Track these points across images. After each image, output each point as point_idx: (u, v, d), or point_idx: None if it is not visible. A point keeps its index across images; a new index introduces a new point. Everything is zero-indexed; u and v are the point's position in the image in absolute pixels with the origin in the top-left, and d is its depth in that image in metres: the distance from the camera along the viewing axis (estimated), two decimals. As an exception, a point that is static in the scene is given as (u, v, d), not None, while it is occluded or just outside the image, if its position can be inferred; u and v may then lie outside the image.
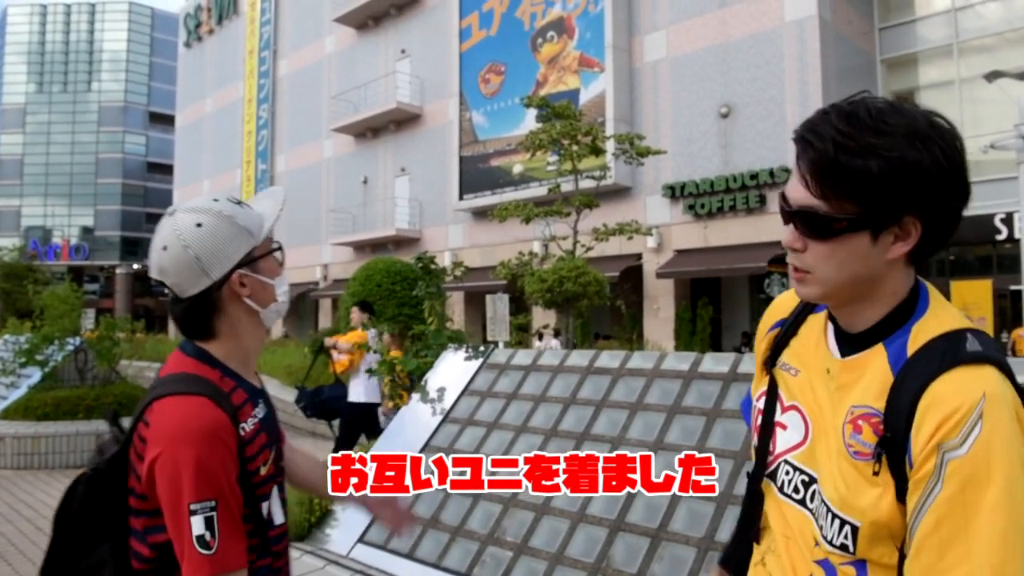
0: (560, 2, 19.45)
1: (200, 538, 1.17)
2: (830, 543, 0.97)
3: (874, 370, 0.97)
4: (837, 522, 0.96)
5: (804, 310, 1.15)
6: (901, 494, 0.91)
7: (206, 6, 35.02)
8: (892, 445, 0.91)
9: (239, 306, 1.33)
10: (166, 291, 1.32)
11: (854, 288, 0.97)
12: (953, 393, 0.87)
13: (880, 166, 0.88)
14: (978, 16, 16.30)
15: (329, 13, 26.85)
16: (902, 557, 0.91)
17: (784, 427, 1.10)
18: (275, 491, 1.35)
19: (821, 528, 0.99)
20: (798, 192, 0.96)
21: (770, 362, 1.16)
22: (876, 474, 0.92)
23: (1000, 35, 15.97)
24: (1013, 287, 15.04)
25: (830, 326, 1.07)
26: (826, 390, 1.03)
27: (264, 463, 1.30)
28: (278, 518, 1.36)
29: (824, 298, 1.01)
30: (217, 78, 34.09)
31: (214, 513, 1.18)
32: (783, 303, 1.21)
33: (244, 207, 1.35)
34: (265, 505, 1.31)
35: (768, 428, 1.14)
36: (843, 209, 0.92)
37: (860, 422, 0.95)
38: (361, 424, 6.63)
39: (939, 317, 0.96)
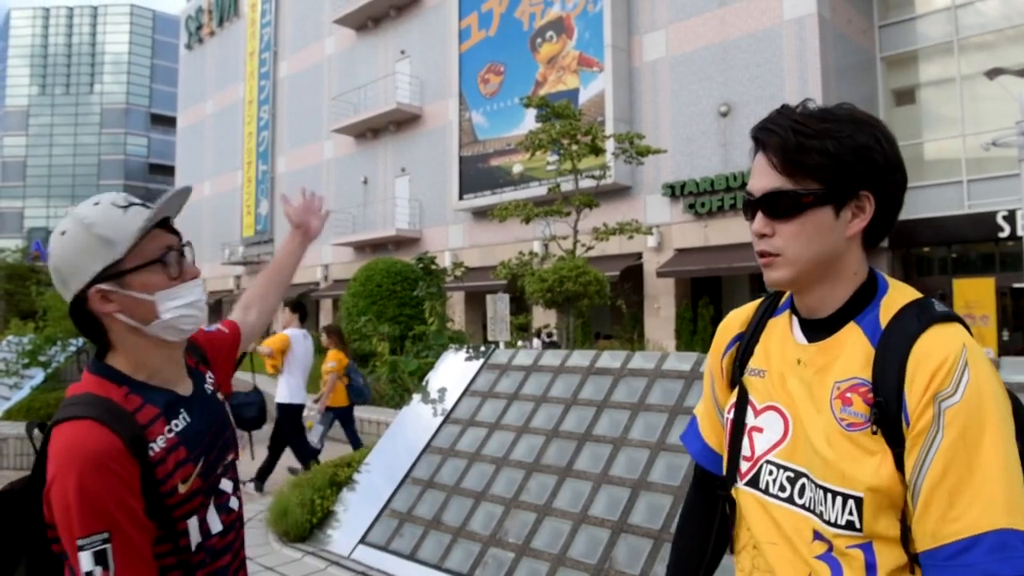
0: (559, 2, 19.43)
1: (89, 575, 1.08)
2: (835, 524, 0.98)
3: (852, 345, 1.02)
4: (840, 500, 0.97)
5: (762, 318, 1.20)
6: (899, 460, 0.94)
7: (207, 8, 35.05)
8: (883, 410, 0.95)
9: (117, 322, 1.22)
10: (71, 294, 1.23)
11: (820, 267, 1.04)
12: (939, 346, 0.94)
13: (835, 145, 1.00)
14: (978, 13, 16.26)
15: (329, 15, 26.86)
16: (903, 531, 0.94)
17: (760, 430, 1.12)
18: (210, 503, 1.28)
19: (821, 514, 1.00)
20: (763, 179, 1.05)
21: (737, 374, 1.19)
22: (875, 433, 0.96)
23: (1000, 32, 15.94)
24: (1016, 285, 15.02)
25: (794, 321, 1.12)
26: (800, 380, 1.06)
27: (184, 479, 1.21)
28: (215, 526, 1.29)
29: (793, 280, 1.06)
30: (218, 80, 34.12)
31: (107, 546, 1.09)
32: (734, 321, 1.26)
33: (119, 211, 1.21)
34: (192, 522, 1.23)
35: (739, 436, 1.15)
36: (807, 187, 1.02)
37: (848, 394, 1.00)
38: (285, 424, 6.49)
39: (901, 291, 1.05)
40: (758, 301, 1.25)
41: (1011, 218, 14.60)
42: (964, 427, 0.90)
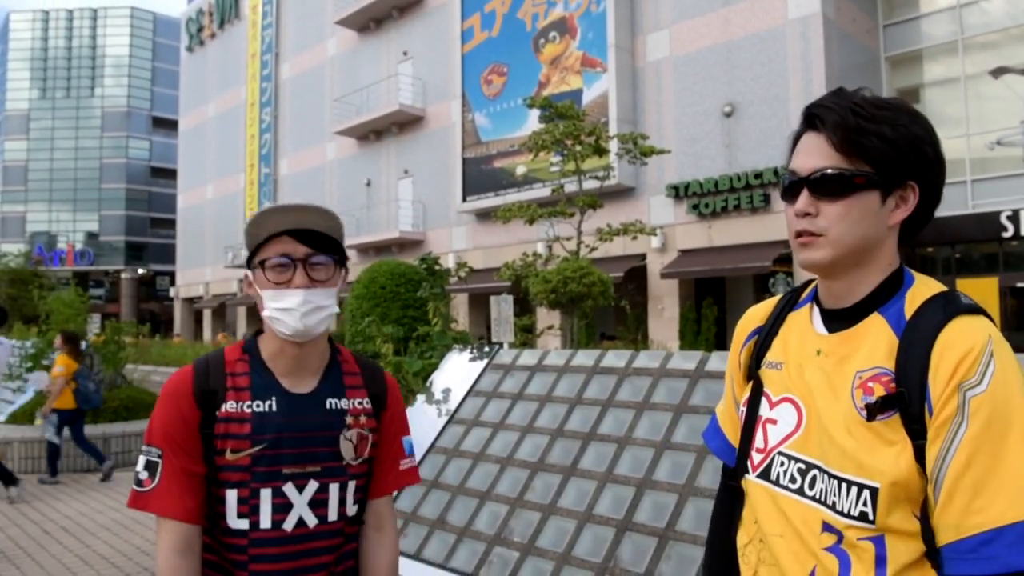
0: (562, 2, 19.44)
1: (136, 475, 1.33)
2: (847, 515, 0.97)
3: (876, 335, 1.01)
4: (855, 490, 0.96)
5: (782, 312, 1.19)
6: (919, 453, 0.92)
7: (208, 10, 35.13)
8: (905, 400, 0.94)
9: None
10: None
11: (858, 253, 1.04)
12: (965, 336, 0.93)
13: (892, 132, 1.01)
14: (982, 12, 16.23)
15: (331, 16, 26.90)
16: (920, 527, 0.92)
17: (775, 422, 1.11)
18: (259, 492, 1.33)
19: (834, 505, 0.98)
20: (815, 158, 1.04)
21: (755, 365, 1.19)
22: (869, 419, 0.96)
23: (1005, 31, 15.90)
24: (1020, 284, 14.98)
25: (815, 313, 1.12)
26: (819, 370, 1.05)
27: (235, 451, 1.32)
28: (263, 520, 1.33)
29: (832, 262, 1.05)
30: (220, 82, 34.18)
31: (159, 460, 1.31)
32: (755, 315, 1.26)
33: (267, 213, 1.37)
34: (231, 495, 1.33)
35: (751, 427, 1.15)
36: (860, 168, 1.02)
37: (870, 384, 0.98)
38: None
39: (927, 284, 1.05)
40: (778, 297, 1.24)
41: (1015, 218, 14.56)
42: (990, 417, 0.88)
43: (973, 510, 0.86)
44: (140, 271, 55.04)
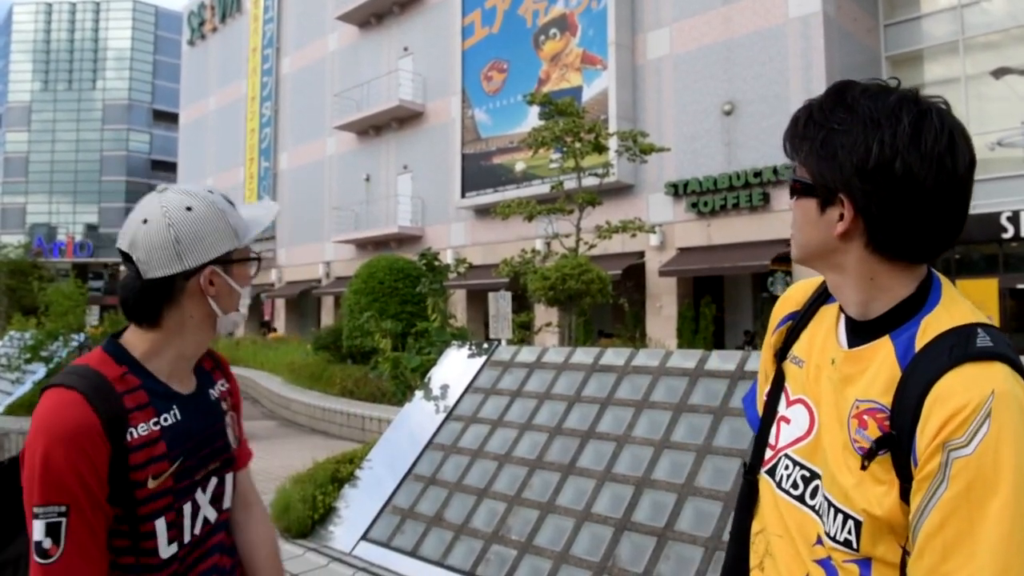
0: (563, -1, 19.40)
1: (38, 545, 1.08)
2: (833, 539, 0.95)
3: (880, 363, 0.95)
4: (840, 517, 0.94)
5: (816, 301, 1.14)
6: (905, 493, 0.89)
7: (210, 4, 35.03)
8: (896, 443, 0.89)
9: (198, 304, 1.26)
10: (120, 267, 1.33)
11: (817, 257, 1.02)
12: (961, 390, 0.85)
13: (823, 138, 0.95)
14: (983, 12, 16.20)
15: (332, 11, 26.83)
16: (905, 554, 0.90)
17: (788, 421, 1.08)
18: (183, 510, 1.24)
19: (824, 524, 0.97)
20: None
21: (781, 355, 1.16)
22: (863, 469, 0.91)
23: (1006, 31, 15.88)
24: (1020, 286, 14.98)
25: (842, 316, 1.06)
26: (829, 381, 1.01)
27: (156, 475, 1.19)
28: (163, 549, 1.21)
29: (799, 260, 1.05)
30: (221, 76, 34.11)
31: (62, 519, 1.09)
32: (794, 295, 1.20)
33: (234, 208, 1.31)
34: (160, 524, 1.20)
35: (769, 421, 1.13)
36: (800, 175, 1.00)
37: (866, 417, 0.93)
38: None
39: (950, 311, 0.94)
40: (820, 279, 1.16)
41: (1015, 219, 14.55)
42: (971, 482, 0.82)
43: (941, 572, 0.83)
44: (139, 264, 54.92)
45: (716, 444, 3.30)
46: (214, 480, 1.33)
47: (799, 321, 1.15)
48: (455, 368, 4.71)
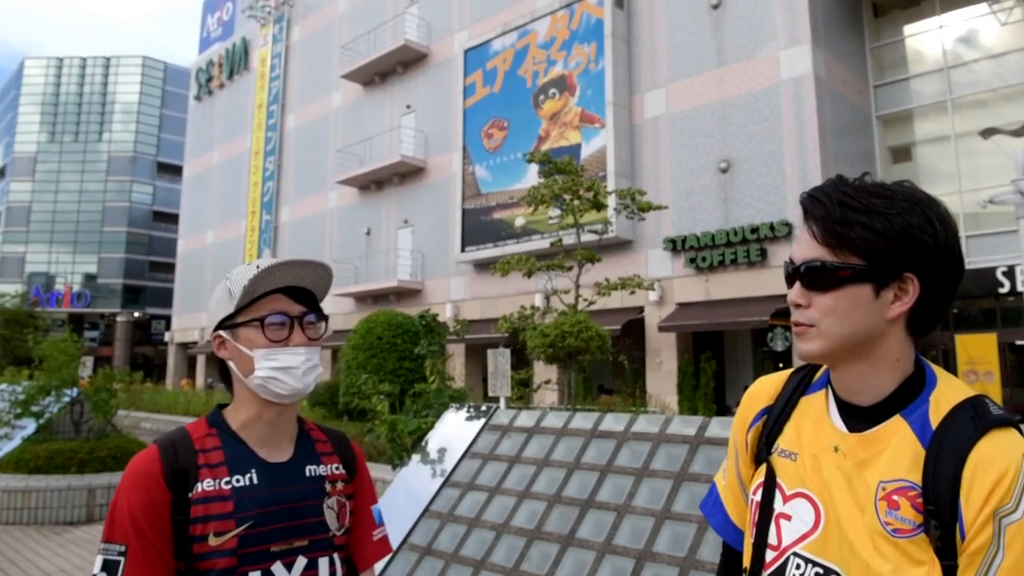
0: (562, 61, 19.89)
1: None
2: None
3: (899, 442, 0.95)
4: None
5: (793, 394, 1.13)
6: (948, 573, 0.87)
7: (218, 62, 35.89)
8: (937, 518, 0.88)
9: (233, 369, 1.33)
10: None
11: (854, 346, 0.99)
12: (998, 457, 0.87)
13: (883, 222, 0.96)
14: (971, 72, 16.63)
15: (337, 70, 27.48)
16: None
17: (788, 517, 1.05)
18: None
19: None
20: (804, 249, 1.02)
21: (764, 452, 1.12)
22: (937, 549, 0.89)
23: (993, 91, 16.27)
24: (1019, 341, 14.96)
25: (831, 402, 1.05)
26: (839, 469, 0.99)
27: (219, 533, 1.21)
28: None
29: (824, 355, 1.02)
30: (225, 130, 34.70)
31: (121, 559, 1.16)
32: (760, 392, 1.19)
33: (253, 270, 1.30)
34: None
35: (767, 520, 1.08)
36: (847, 260, 0.99)
37: (895, 497, 0.92)
38: None
39: (951, 385, 0.98)
40: (787, 372, 1.17)
41: (1011, 274, 14.64)
42: None
43: None
44: (136, 314, 54.92)
45: (718, 515, 3.23)
46: (302, 560, 1.29)
47: (778, 416, 1.13)
48: (453, 432, 4.65)
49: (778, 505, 1.07)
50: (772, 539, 1.07)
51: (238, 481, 1.26)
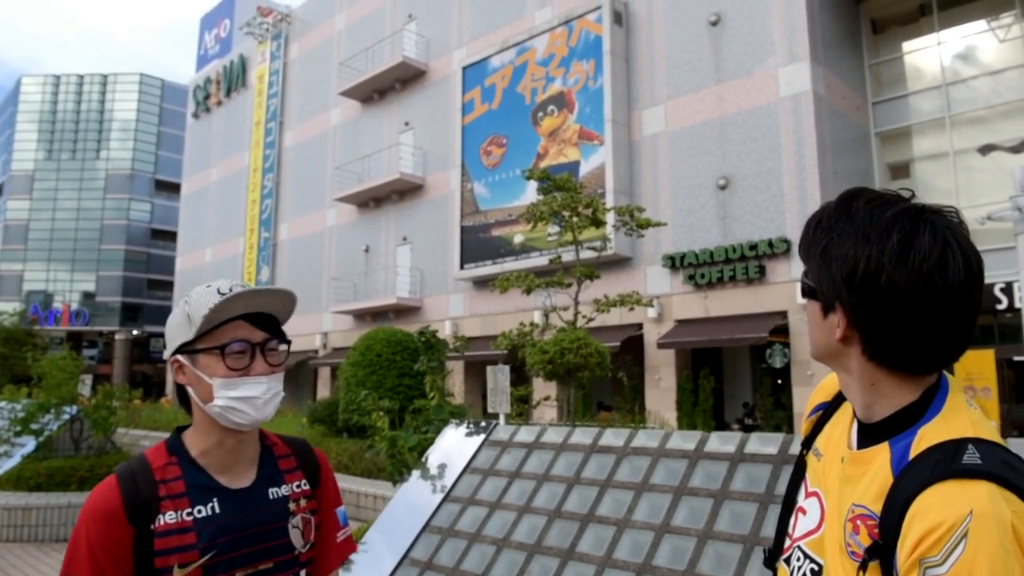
0: (560, 78, 20.04)
1: None
2: None
3: (877, 468, 0.96)
4: None
5: (841, 396, 1.16)
6: None
7: (215, 79, 36.09)
8: (884, 552, 0.89)
9: (192, 395, 1.31)
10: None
11: (826, 357, 1.05)
12: (939, 507, 0.84)
13: (824, 246, 0.99)
14: (969, 89, 16.77)
15: (335, 87, 27.65)
16: None
17: (804, 512, 1.11)
18: None
19: None
20: None
21: (807, 443, 1.18)
22: (868, 564, 0.91)
23: (992, 107, 16.39)
24: (1016, 358, 14.97)
25: (856, 416, 1.08)
26: (838, 479, 1.03)
27: (183, 564, 1.21)
28: None
29: (815, 358, 1.09)
30: (223, 148, 34.84)
31: None
32: (828, 385, 1.21)
33: (215, 296, 1.27)
34: None
35: (790, 510, 1.16)
36: (808, 278, 1.05)
37: (858, 522, 0.95)
38: None
39: (948, 422, 0.94)
40: None
41: (1008, 290, 14.68)
42: None
43: None
44: (135, 332, 54.82)
45: (717, 529, 3.24)
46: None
47: (827, 412, 1.17)
48: (453, 447, 4.66)
49: (800, 499, 1.14)
50: (790, 528, 1.14)
51: (200, 512, 1.25)
